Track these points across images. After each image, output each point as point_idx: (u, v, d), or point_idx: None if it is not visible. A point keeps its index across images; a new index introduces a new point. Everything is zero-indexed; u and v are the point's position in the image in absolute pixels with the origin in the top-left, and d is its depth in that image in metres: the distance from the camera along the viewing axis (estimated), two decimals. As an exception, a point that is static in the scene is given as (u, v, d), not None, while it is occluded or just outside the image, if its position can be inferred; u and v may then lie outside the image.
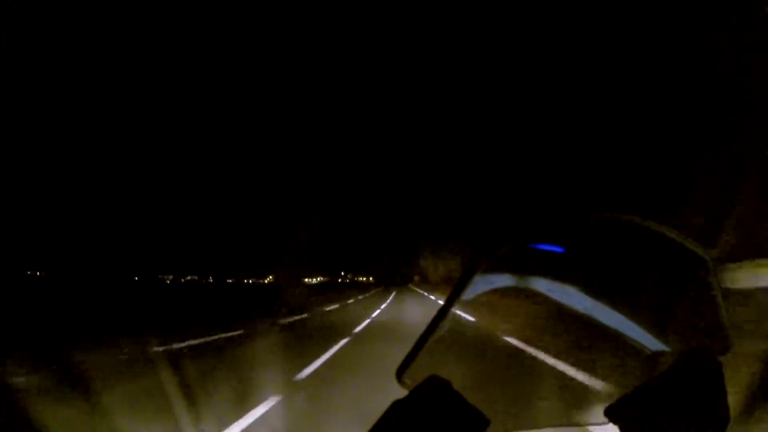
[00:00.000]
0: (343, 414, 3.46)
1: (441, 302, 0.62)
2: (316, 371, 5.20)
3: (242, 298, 21.25)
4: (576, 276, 0.71)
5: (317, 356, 5.96)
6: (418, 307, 16.61)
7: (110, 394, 3.72)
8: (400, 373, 0.56)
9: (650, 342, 0.67)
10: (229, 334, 8.26)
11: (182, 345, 6.81)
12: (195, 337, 7.46)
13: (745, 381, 2.24)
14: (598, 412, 0.56)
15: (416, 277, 64.96)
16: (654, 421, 0.51)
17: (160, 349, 6.28)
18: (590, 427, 0.67)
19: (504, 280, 0.70)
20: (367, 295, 29.73)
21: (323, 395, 4.17)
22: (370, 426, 0.49)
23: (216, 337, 7.88)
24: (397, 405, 0.51)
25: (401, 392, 0.53)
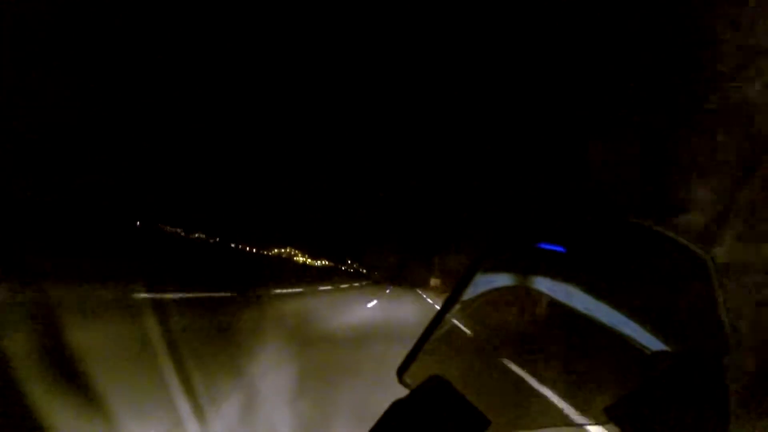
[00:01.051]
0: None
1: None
2: None
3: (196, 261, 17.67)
4: (576, 276, 0.71)
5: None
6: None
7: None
8: (401, 373, 0.56)
9: (650, 342, 0.67)
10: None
11: None
12: None
13: (745, 381, 2.24)
14: (598, 412, 0.56)
15: (434, 280, 37.31)
16: (654, 421, 0.51)
17: None
18: (590, 427, 0.67)
19: (505, 280, 0.70)
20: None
21: None
22: (371, 425, 0.49)
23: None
24: (397, 405, 0.51)
25: (402, 392, 0.53)
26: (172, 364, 3.57)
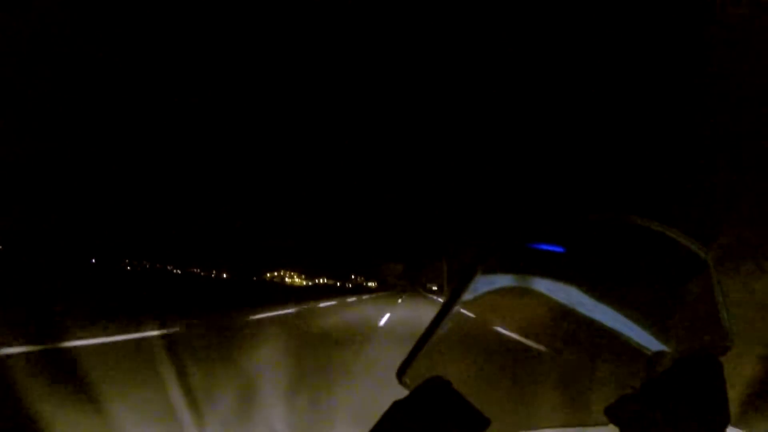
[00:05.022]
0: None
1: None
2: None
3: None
4: (576, 276, 0.71)
5: None
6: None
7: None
8: (401, 374, 0.56)
9: (650, 342, 0.67)
10: None
11: None
12: None
13: (745, 381, 2.24)
14: (598, 412, 0.56)
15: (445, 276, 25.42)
16: (654, 421, 0.51)
17: None
18: (590, 427, 0.67)
19: (504, 281, 0.70)
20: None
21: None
22: (370, 426, 0.49)
23: None
24: (397, 405, 0.51)
25: (402, 392, 0.54)
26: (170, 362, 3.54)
